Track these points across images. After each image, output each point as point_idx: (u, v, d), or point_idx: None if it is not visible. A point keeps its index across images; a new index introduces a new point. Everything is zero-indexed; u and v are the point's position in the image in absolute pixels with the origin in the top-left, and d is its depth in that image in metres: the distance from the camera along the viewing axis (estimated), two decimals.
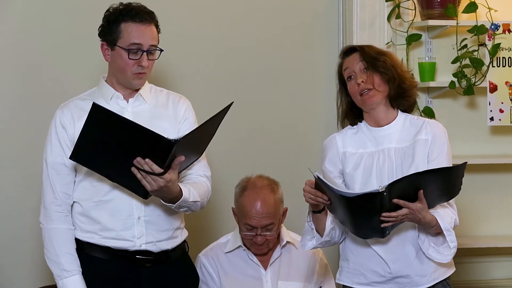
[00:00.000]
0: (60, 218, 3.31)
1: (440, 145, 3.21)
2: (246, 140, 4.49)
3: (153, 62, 3.33)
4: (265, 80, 4.50)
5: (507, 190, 4.71)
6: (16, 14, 4.20)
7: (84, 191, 3.32)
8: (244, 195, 3.73)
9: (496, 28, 4.43)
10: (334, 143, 3.29)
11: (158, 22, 3.34)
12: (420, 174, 3.02)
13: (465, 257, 4.54)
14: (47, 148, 3.35)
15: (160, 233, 3.33)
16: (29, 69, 4.20)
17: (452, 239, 3.11)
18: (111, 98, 3.34)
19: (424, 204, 3.03)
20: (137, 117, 3.28)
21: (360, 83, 3.20)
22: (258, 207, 3.67)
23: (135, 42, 3.26)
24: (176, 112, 3.41)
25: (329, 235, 3.20)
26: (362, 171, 3.20)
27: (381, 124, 3.25)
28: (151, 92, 3.41)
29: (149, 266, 3.33)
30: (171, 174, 3.12)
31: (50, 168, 3.33)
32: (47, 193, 3.34)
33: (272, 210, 3.69)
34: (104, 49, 3.33)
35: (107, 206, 3.29)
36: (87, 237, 3.32)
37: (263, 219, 3.67)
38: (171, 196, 3.21)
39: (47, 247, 3.32)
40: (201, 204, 3.36)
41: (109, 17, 3.31)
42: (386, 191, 2.95)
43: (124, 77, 3.31)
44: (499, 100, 4.48)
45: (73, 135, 3.26)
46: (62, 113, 3.34)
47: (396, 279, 3.20)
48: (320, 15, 4.56)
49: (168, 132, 3.21)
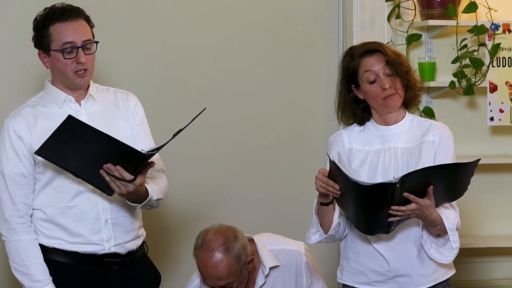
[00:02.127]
0: (24, 229, 3.25)
1: (447, 148, 3.22)
2: (246, 140, 4.48)
3: (92, 56, 3.27)
4: (265, 80, 4.50)
5: (507, 190, 4.71)
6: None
7: (46, 198, 3.27)
8: (198, 256, 3.52)
9: (496, 28, 4.43)
10: (340, 140, 3.29)
11: (89, 16, 3.29)
12: (433, 168, 3.03)
13: (465, 257, 4.54)
14: (2, 159, 3.26)
15: (127, 233, 3.33)
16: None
17: (455, 240, 3.12)
18: (63, 102, 3.29)
19: (432, 201, 3.03)
20: (92, 118, 3.25)
21: (387, 88, 3.17)
22: (209, 270, 3.47)
23: (67, 41, 3.22)
24: (127, 109, 3.38)
25: (335, 229, 3.19)
26: (368, 168, 3.20)
27: (390, 124, 3.25)
28: (99, 91, 3.38)
29: (116, 268, 3.31)
30: (141, 179, 3.13)
31: (8, 179, 3.25)
32: (6, 205, 3.26)
33: (224, 272, 3.46)
34: (42, 58, 3.29)
35: (73, 212, 3.26)
36: (53, 243, 3.28)
37: (218, 281, 3.49)
38: (139, 197, 3.20)
39: (14, 259, 3.26)
40: (162, 200, 3.35)
41: (37, 25, 3.27)
42: (399, 182, 2.95)
43: (67, 78, 3.26)
44: (499, 100, 4.47)
45: (30, 143, 3.22)
46: (15, 122, 3.26)
47: (396, 278, 3.19)
48: (320, 15, 4.56)
49: (125, 130, 3.23)
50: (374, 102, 3.22)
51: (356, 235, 3.23)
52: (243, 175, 4.24)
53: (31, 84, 4.01)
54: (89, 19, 3.30)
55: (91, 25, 3.30)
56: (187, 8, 4.39)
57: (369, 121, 3.29)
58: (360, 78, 3.22)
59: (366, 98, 3.24)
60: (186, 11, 4.39)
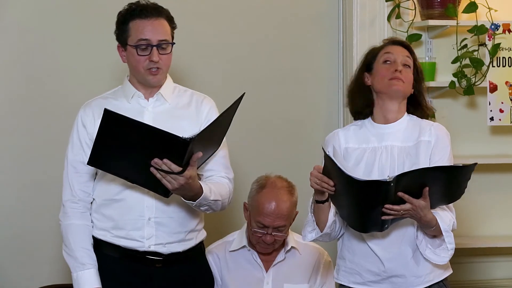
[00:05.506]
0: (76, 214, 3.34)
1: (443, 148, 3.22)
2: (246, 139, 4.48)
3: (167, 57, 3.32)
4: (265, 80, 4.51)
5: (507, 190, 4.71)
6: (19, 13, 4.21)
7: (100, 188, 3.34)
8: (262, 193, 3.68)
9: (496, 28, 4.43)
10: (337, 139, 3.30)
11: (173, 17, 3.34)
12: (429, 170, 3.03)
13: (465, 257, 4.55)
14: (69, 146, 3.37)
15: (171, 235, 3.33)
16: (28, 69, 4.21)
17: (450, 241, 3.12)
18: (132, 97, 3.35)
19: (427, 202, 3.03)
20: (156, 116, 3.31)
21: (398, 70, 3.21)
22: (274, 207, 3.63)
23: (142, 38, 3.27)
24: (199, 113, 3.40)
25: (330, 227, 3.20)
26: (364, 167, 3.21)
27: (389, 120, 3.26)
28: (174, 92, 3.41)
29: (160, 266, 3.33)
30: (190, 171, 3.12)
31: (70, 166, 3.36)
32: (65, 190, 3.37)
33: (287, 212, 3.65)
34: (120, 51, 3.37)
35: (119, 205, 3.31)
36: (100, 234, 3.34)
37: (277, 220, 3.64)
38: (192, 193, 3.20)
39: (65, 242, 3.36)
40: (222, 203, 3.35)
41: (118, 20, 3.35)
42: (394, 182, 2.96)
43: (139, 74, 3.32)
44: (499, 100, 4.48)
45: (93, 133, 3.25)
46: (84, 112, 3.37)
47: (391, 278, 3.20)
48: (320, 15, 4.56)
49: (186, 131, 3.19)
50: (380, 81, 3.24)
51: (353, 235, 3.24)
52: (243, 175, 4.23)
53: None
54: (172, 20, 3.34)
55: (172, 26, 3.34)
56: (187, 8, 4.39)
57: (367, 119, 3.31)
58: (378, 59, 3.27)
59: (373, 81, 3.27)
60: (186, 11, 4.39)
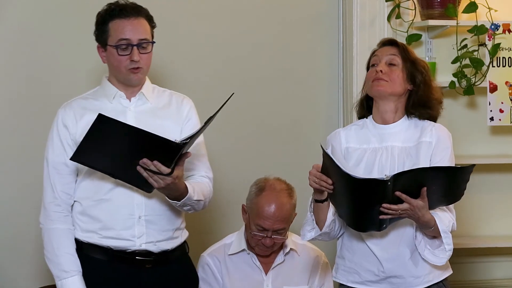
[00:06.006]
0: (60, 218, 3.30)
1: (444, 149, 3.22)
2: (246, 140, 4.49)
3: (148, 56, 3.32)
4: (265, 79, 4.50)
5: (507, 190, 4.71)
6: (19, 13, 4.21)
7: (84, 190, 3.31)
8: (261, 196, 3.67)
9: (496, 28, 4.43)
10: (338, 138, 3.31)
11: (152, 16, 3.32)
12: (426, 170, 3.03)
13: (465, 257, 4.55)
14: (48, 147, 3.34)
15: (161, 233, 3.33)
16: (28, 69, 4.21)
17: (448, 242, 3.12)
18: (113, 97, 3.34)
19: (425, 202, 3.03)
20: (139, 116, 3.29)
21: (377, 71, 3.22)
22: (274, 210, 3.62)
23: (123, 38, 3.26)
24: (180, 112, 3.40)
25: (329, 226, 3.20)
26: (364, 167, 3.21)
27: (387, 122, 3.26)
28: (154, 92, 3.41)
29: (149, 267, 3.32)
30: (177, 171, 3.13)
31: (51, 167, 3.32)
32: (46, 192, 3.33)
33: (286, 215, 3.65)
34: (100, 52, 3.35)
35: (107, 205, 3.28)
36: (86, 236, 3.31)
37: (277, 223, 3.63)
38: (178, 193, 3.21)
39: (47, 247, 3.31)
40: (203, 203, 3.36)
41: (98, 20, 3.33)
42: (391, 181, 2.95)
43: (120, 74, 3.31)
44: (499, 100, 4.48)
45: (75, 134, 3.26)
46: (64, 112, 3.34)
47: (389, 278, 3.20)
48: (320, 15, 4.56)
49: (170, 131, 3.21)
50: (366, 85, 3.28)
51: (353, 234, 3.24)
52: (243, 174, 4.23)
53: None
54: (151, 19, 3.33)
55: (152, 25, 3.33)
56: (188, 8, 4.39)
57: (368, 119, 3.31)
58: (369, 64, 3.30)
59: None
60: (186, 12, 4.39)
